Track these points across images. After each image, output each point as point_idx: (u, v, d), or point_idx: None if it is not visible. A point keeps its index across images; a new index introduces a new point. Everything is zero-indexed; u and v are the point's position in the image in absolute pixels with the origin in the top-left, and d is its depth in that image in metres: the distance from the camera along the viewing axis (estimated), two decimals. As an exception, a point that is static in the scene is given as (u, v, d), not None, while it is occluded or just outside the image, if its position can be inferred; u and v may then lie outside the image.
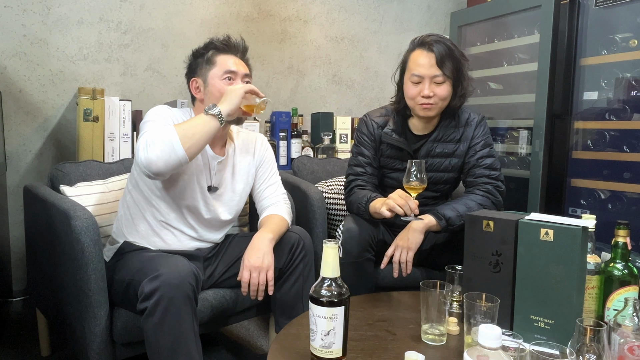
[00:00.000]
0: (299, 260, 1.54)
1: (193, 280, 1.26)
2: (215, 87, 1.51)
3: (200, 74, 1.54)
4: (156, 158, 1.28)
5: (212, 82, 1.52)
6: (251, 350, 1.95)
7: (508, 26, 2.56)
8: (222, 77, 1.51)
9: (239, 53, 1.58)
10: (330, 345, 0.97)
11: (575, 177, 2.28)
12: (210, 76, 1.52)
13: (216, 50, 1.54)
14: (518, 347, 0.88)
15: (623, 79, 2.11)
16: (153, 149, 1.28)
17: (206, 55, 1.54)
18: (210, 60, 1.53)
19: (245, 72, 1.55)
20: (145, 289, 1.21)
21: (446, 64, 1.56)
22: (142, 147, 1.30)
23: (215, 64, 1.52)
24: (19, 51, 2.23)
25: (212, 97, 1.50)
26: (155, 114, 1.46)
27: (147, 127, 1.39)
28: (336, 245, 0.99)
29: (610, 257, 1.19)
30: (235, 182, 1.62)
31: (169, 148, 1.28)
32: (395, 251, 1.58)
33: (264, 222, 1.58)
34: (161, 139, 1.29)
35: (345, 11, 3.12)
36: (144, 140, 1.31)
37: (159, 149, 1.28)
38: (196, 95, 1.56)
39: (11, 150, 2.27)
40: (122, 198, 1.59)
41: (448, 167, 1.71)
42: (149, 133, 1.33)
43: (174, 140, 1.29)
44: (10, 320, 2.13)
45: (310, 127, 2.88)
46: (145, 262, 1.36)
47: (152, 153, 1.28)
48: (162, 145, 1.28)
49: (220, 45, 1.55)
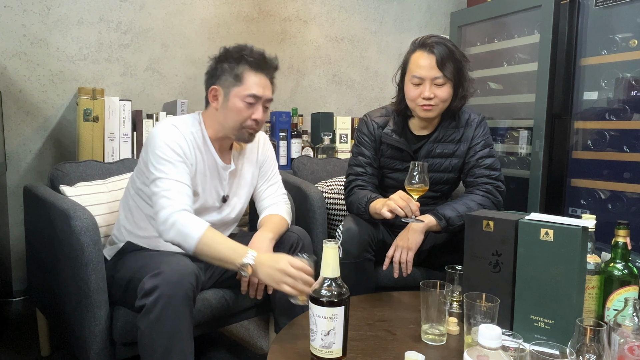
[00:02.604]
0: (299, 261, 1.54)
1: (194, 280, 1.26)
2: (236, 107, 1.45)
3: (223, 84, 1.46)
4: (169, 238, 1.35)
5: (233, 100, 1.45)
6: (251, 350, 1.95)
7: (508, 26, 2.56)
8: (245, 99, 1.44)
9: (270, 73, 1.51)
10: (330, 345, 0.97)
11: (575, 177, 2.28)
12: (234, 93, 1.45)
13: (248, 67, 1.45)
14: (518, 347, 0.88)
15: (623, 79, 2.11)
16: (172, 231, 1.33)
17: (236, 68, 1.45)
18: (239, 76, 1.44)
19: (268, 98, 1.49)
20: (146, 285, 1.21)
21: (447, 65, 1.56)
22: (163, 215, 1.34)
23: (242, 82, 1.44)
24: (19, 51, 2.23)
25: (229, 114, 1.46)
26: (167, 157, 1.39)
27: (166, 185, 1.36)
28: (336, 245, 0.99)
29: (610, 257, 1.19)
30: (241, 186, 1.63)
31: (183, 240, 1.33)
32: (395, 251, 1.58)
33: (264, 222, 1.58)
34: (181, 230, 1.32)
35: (345, 11, 3.12)
36: (166, 212, 1.34)
37: (176, 235, 1.33)
38: (212, 103, 1.50)
39: (11, 150, 2.27)
40: (123, 200, 1.59)
41: (448, 167, 1.71)
42: (170, 210, 1.34)
43: (191, 243, 1.32)
44: (10, 320, 2.13)
45: (310, 127, 2.88)
46: (147, 260, 1.36)
47: (168, 234, 1.34)
48: (179, 236, 1.33)
49: (253, 62, 1.46)
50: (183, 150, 1.42)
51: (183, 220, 1.33)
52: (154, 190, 1.38)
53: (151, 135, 1.44)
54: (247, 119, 1.46)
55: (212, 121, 1.51)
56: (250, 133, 1.50)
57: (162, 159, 1.39)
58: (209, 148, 1.51)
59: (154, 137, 1.42)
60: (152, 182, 1.39)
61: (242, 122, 1.46)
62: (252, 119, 1.47)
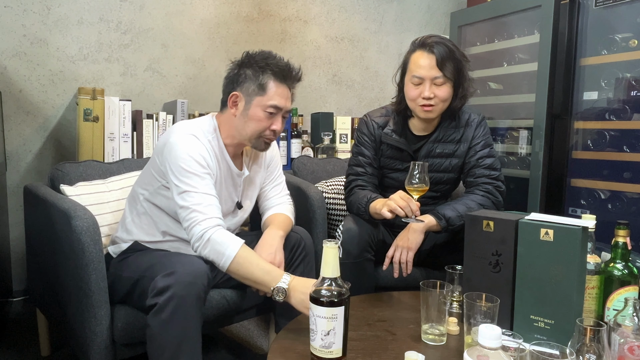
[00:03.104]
0: (300, 260, 1.54)
1: (206, 281, 1.26)
2: (257, 116, 1.43)
3: (245, 92, 1.44)
4: (204, 254, 1.34)
5: (254, 109, 1.43)
6: (251, 350, 1.95)
7: (508, 26, 2.56)
8: (266, 109, 1.43)
9: (294, 84, 1.50)
10: (330, 345, 0.98)
11: (575, 177, 2.28)
12: (255, 102, 1.43)
13: (273, 76, 1.43)
14: (518, 347, 0.88)
15: (623, 79, 2.11)
16: (207, 248, 1.33)
17: (261, 77, 1.42)
18: (262, 85, 1.42)
19: (288, 109, 1.48)
20: (159, 284, 1.21)
21: (447, 65, 1.56)
22: (198, 231, 1.32)
23: (265, 91, 1.42)
24: (19, 51, 2.23)
25: (248, 123, 1.44)
26: (193, 170, 1.37)
27: (196, 199, 1.35)
28: (336, 245, 0.99)
29: (610, 257, 1.19)
30: (252, 190, 1.64)
31: (217, 259, 1.33)
32: (395, 251, 1.58)
33: (272, 220, 1.59)
34: (216, 248, 1.32)
35: (345, 11, 3.12)
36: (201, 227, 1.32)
37: (211, 252, 1.33)
38: (231, 109, 1.47)
39: (11, 150, 2.27)
40: (130, 204, 1.56)
41: (448, 167, 1.71)
42: (205, 225, 1.33)
43: (226, 262, 1.32)
44: (10, 320, 2.13)
45: (310, 127, 2.88)
46: (159, 259, 1.36)
47: (204, 250, 1.33)
48: (214, 253, 1.33)
49: (279, 73, 1.44)
50: (206, 161, 1.41)
51: (219, 238, 1.33)
52: (181, 204, 1.35)
53: (170, 146, 1.40)
54: (266, 129, 1.45)
55: (229, 127, 1.48)
56: (267, 143, 1.49)
57: (188, 172, 1.36)
58: (225, 155, 1.50)
59: (174, 149, 1.38)
60: (179, 195, 1.36)
61: (261, 131, 1.45)
62: (270, 130, 1.45)
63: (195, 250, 1.35)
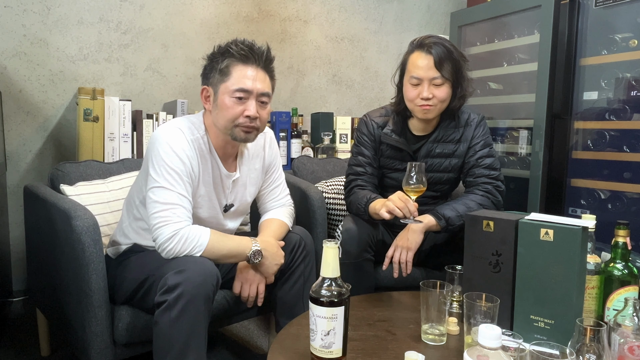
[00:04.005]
0: (300, 260, 1.54)
1: (215, 282, 1.26)
2: (225, 104, 1.35)
3: (212, 82, 1.38)
4: (176, 250, 1.29)
5: (221, 97, 1.36)
6: (251, 350, 1.95)
7: (508, 26, 2.56)
8: (233, 94, 1.34)
9: (262, 63, 1.39)
10: (330, 345, 0.98)
11: (575, 177, 2.28)
12: (221, 90, 1.35)
13: (233, 59, 1.35)
14: (518, 347, 0.88)
15: (623, 79, 2.11)
16: (179, 246, 1.29)
17: (221, 63, 1.36)
18: (224, 71, 1.35)
19: (261, 91, 1.37)
20: (169, 281, 1.20)
21: (445, 65, 1.56)
22: (168, 231, 1.29)
23: (229, 75, 1.35)
24: (19, 51, 2.23)
25: (220, 114, 1.37)
26: (172, 165, 1.33)
27: (168, 197, 1.31)
28: (336, 245, 0.99)
29: (610, 257, 1.19)
30: (247, 192, 1.59)
31: (191, 249, 1.30)
32: (395, 251, 1.58)
33: (264, 227, 1.57)
34: (191, 241, 1.30)
35: (345, 11, 3.12)
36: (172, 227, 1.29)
37: (184, 247, 1.29)
38: (205, 105, 1.42)
39: (11, 150, 2.27)
40: (126, 205, 1.54)
41: (448, 167, 1.71)
42: (178, 226, 1.30)
43: (201, 246, 1.31)
44: (10, 320, 2.13)
45: (310, 127, 2.88)
46: (167, 259, 1.33)
47: (175, 247, 1.29)
48: (189, 246, 1.30)
49: (238, 53, 1.35)
50: (187, 156, 1.36)
51: (191, 234, 1.31)
52: (154, 198, 1.32)
53: (155, 136, 1.37)
54: (238, 116, 1.36)
55: (210, 124, 1.44)
56: (246, 131, 1.39)
57: (169, 167, 1.32)
58: (213, 155, 1.45)
59: (157, 139, 1.35)
60: (154, 188, 1.32)
61: (234, 119, 1.36)
62: (244, 116, 1.36)
63: (161, 250, 1.30)
